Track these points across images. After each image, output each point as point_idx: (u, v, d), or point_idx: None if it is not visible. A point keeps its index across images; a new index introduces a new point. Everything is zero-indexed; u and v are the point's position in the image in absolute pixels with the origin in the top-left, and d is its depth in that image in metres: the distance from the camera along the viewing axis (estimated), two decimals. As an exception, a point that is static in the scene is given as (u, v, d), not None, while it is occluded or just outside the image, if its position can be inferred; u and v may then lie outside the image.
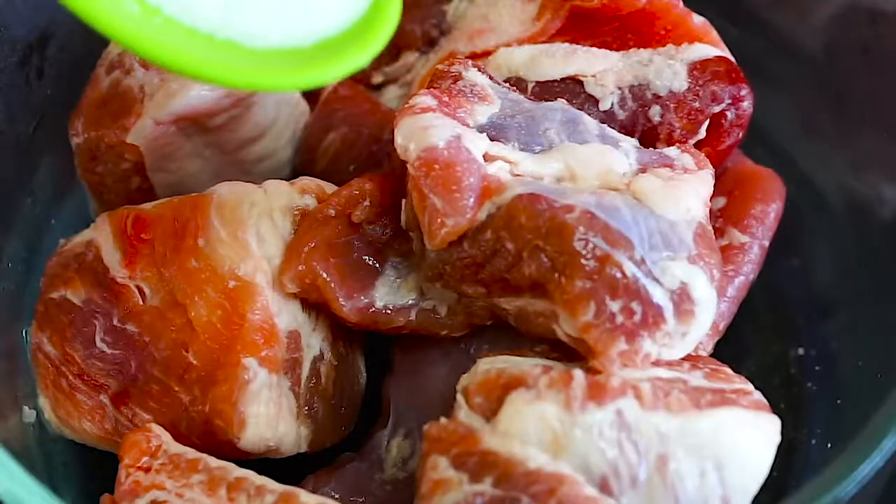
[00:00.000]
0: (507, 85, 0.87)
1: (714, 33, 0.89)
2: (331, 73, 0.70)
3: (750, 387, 0.74)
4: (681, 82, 0.87)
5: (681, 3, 0.89)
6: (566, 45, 0.90)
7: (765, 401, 0.73)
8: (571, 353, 0.77)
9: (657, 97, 0.87)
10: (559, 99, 0.86)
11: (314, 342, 0.84)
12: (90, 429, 0.85)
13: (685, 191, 0.76)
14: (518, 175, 0.77)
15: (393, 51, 1.00)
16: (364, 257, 0.82)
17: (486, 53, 0.92)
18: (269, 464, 0.84)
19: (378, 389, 0.88)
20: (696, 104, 0.87)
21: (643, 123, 0.87)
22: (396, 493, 0.83)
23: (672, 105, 0.87)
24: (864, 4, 0.95)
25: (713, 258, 0.75)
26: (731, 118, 0.87)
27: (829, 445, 0.92)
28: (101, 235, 0.85)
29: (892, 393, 0.74)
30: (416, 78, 0.98)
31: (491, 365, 0.77)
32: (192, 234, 0.82)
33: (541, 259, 0.74)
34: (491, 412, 0.73)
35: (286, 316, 0.81)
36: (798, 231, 1.00)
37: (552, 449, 0.70)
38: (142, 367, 0.82)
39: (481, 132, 0.79)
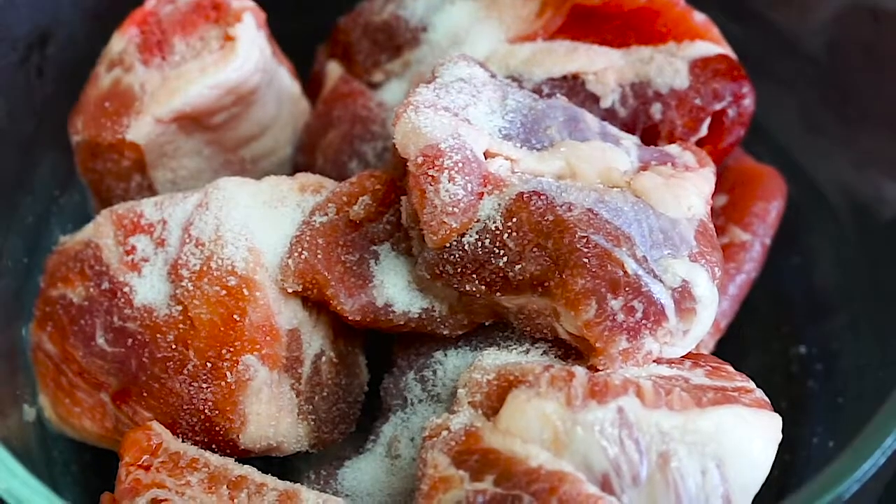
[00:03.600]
0: (509, 82, 0.86)
1: (715, 31, 0.89)
2: None
3: (751, 385, 0.74)
4: (682, 80, 0.87)
5: (682, 1, 0.89)
6: (567, 42, 0.90)
7: (766, 399, 0.73)
8: (573, 351, 0.76)
9: (658, 95, 0.87)
10: (560, 96, 0.85)
11: (315, 340, 0.83)
12: (90, 427, 0.85)
13: (686, 189, 0.76)
14: (519, 172, 0.77)
15: (393, 48, 0.99)
16: (365, 255, 0.82)
17: (488, 51, 0.92)
18: (270, 461, 0.84)
19: (379, 387, 0.87)
20: (698, 102, 0.87)
21: (644, 121, 0.87)
22: (398, 490, 0.82)
23: (673, 103, 0.87)
24: (866, 2, 0.95)
25: (714, 256, 0.75)
26: (732, 116, 0.87)
27: (831, 443, 0.92)
28: (102, 233, 0.85)
29: (894, 391, 0.74)
30: (418, 74, 0.98)
31: (492, 363, 0.77)
32: (192, 232, 0.82)
33: (542, 257, 0.74)
34: (492, 410, 0.73)
35: (287, 314, 0.81)
36: (799, 229, 1.00)
37: (553, 447, 0.70)
38: (142, 365, 0.81)
39: (482, 129, 0.79)
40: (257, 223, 0.81)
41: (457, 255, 0.76)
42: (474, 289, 0.77)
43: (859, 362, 0.94)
